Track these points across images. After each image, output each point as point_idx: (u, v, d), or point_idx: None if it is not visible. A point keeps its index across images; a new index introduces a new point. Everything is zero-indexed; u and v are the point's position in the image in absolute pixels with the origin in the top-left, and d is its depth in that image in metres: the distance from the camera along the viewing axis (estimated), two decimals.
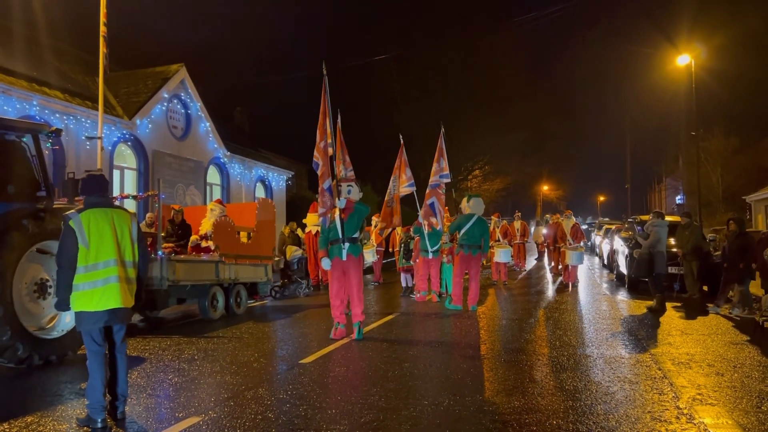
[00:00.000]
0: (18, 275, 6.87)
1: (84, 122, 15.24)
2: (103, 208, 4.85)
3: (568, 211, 17.12)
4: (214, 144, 21.25)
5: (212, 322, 10.42)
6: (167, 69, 19.42)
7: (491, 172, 46.13)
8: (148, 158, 17.85)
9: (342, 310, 8.62)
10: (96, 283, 4.67)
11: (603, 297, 13.54)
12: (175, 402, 5.39)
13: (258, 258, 12.27)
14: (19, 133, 7.48)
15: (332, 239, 8.56)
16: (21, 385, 6.24)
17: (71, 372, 6.64)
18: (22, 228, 6.81)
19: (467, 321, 10.01)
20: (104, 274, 4.70)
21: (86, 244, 4.66)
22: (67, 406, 5.38)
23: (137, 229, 5.03)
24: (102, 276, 4.69)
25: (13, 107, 13.39)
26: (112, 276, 4.73)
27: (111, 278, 4.72)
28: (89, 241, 4.67)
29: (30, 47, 16.75)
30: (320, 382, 6.04)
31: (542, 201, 71.68)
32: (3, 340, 6.52)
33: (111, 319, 4.75)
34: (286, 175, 27.36)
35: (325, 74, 8.96)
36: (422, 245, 12.60)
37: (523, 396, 5.45)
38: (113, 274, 4.73)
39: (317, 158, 9.06)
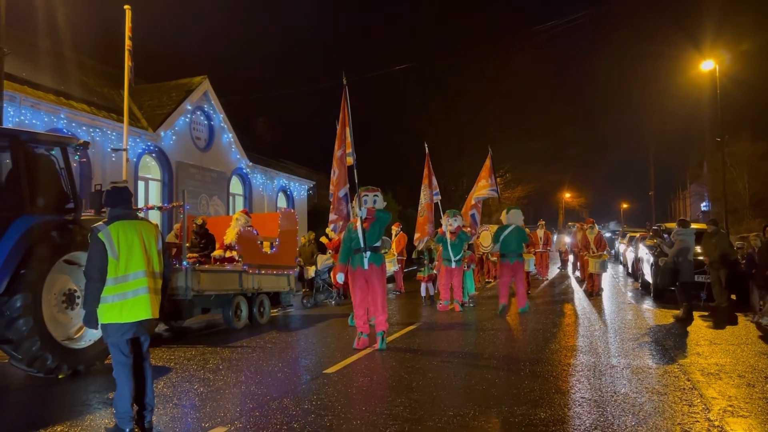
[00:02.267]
0: (47, 286, 6.98)
1: (110, 134, 15.50)
2: (129, 220, 4.91)
3: (590, 221, 16.93)
4: (236, 155, 21.47)
5: (236, 331, 10.48)
6: (190, 81, 19.69)
7: (512, 180, 45.89)
8: (173, 169, 18.09)
9: (365, 319, 8.62)
10: (126, 294, 4.71)
11: (628, 306, 13.37)
12: (201, 412, 5.43)
13: (281, 268, 12.33)
14: (48, 146, 7.63)
15: (354, 248, 8.58)
16: (50, 395, 6.33)
17: (99, 382, 6.73)
18: (51, 240, 6.93)
19: (491, 331, 9.95)
20: (134, 285, 4.74)
21: (116, 256, 4.70)
22: (96, 415, 5.45)
23: (162, 241, 5.10)
24: (132, 287, 4.73)
25: (42, 121, 13.68)
26: (141, 287, 4.77)
27: (140, 290, 4.76)
28: (119, 253, 4.71)
29: (57, 62, 17.10)
30: (344, 393, 6.04)
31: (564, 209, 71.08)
32: (33, 350, 6.64)
33: (138, 330, 4.80)
34: (307, 184, 27.52)
35: (345, 84, 9.02)
36: (444, 254, 12.57)
37: (549, 407, 5.39)
38: (143, 286, 4.78)
39: (333, 167, 9.15)
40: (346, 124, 9.17)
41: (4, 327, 6.56)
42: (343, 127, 9.17)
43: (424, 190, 12.63)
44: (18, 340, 6.58)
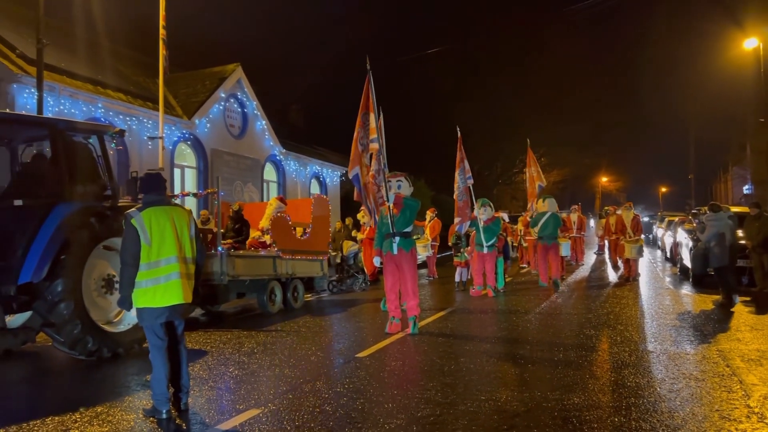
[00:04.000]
0: (86, 271, 7.18)
1: (146, 123, 15.77)
2: (162, 206, 4.99)
3: (629, 203, 16.61)
4: (270, 142, 21.63)
5: (271, 315, 10.62)
6: (224, 69, 19.87)
7: (548, 164, 45.25)
8: (207, 156, 18.34)
9: (397, 304, 8.63)
10: (158, 279, 4.80)
11: (666, 291, 13.10)
12: (235, 394, 5.52)
13: (314, 253, 12.42)
14: (86, 134, 7.81)
15: (385, 233, 8.60)
16: (91, 377, 6.52)
17: (138, 364, 6.89)
18: (90, 226, 7.11)
19: (524, 316, 9.87)
20: (166, 270, 4.82)
21: (148, 242, 4.78)
22: (134, 397, 5.59)
23: (195, 226, 5.16)
24: (164, 273, 4.82)
25: (80, 110, 13.98)
26: (173, 273, 4.84)
27: (173, 275, 4.84)
28: (151, 239, 4.79)
29: (93, 51, 17.41)
30: (376, 376, 6.07)
31: (601, 193, 69.86)
32: (74, 334, 6.84)
33: (172, 314, 4.89)
34: (340, 171, 27.57)
35: (369, 69, 8.97)
36: (477, 239, 12.50)
37: (583, 392, 5.33)
38: (175, 271, 4.85)
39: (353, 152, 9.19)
40: (370, 109, 9.14)
41: (47, 311, 6.77)
42: (366, 112, 9.13)
43: (461, 174, 12.56)
44: (60, 324, 6.78)
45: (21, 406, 5.55)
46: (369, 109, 9.15)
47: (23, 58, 13.37)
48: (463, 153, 12.77)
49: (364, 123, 9.08)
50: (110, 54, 18.39)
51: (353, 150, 9.04)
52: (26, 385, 6.51)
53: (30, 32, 14.81)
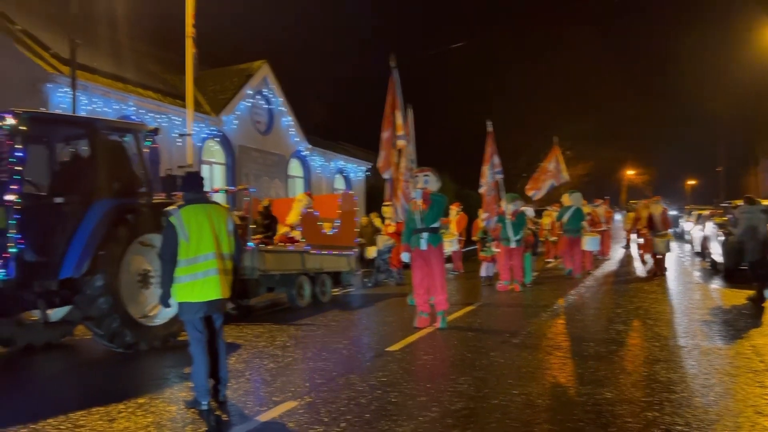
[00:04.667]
0: (124, 266, 7.37)
1: (175, 120, 16.02)
2: (201, 203, 5.12)
3: (657, 197, 16.45)
4: (295, 138, 21.81)
5: (300, 310, 10.77)
6: (250, 66, 20.07)
7: (573, 157, 44.81)
8: (235, 153, 18.59)
9: (425, 299, 8.71)
10: (196, 275, 4.93)
11: (695, 286, 12.98)
12: (271, 386, 5.66)
13: (341, 248, 12.55)
14: (122, 133, 8.02)
15: (413, 229, 8.67)
16: (131, 370, 6.72)
17: (175, 357, 7.08)
18: (127, 222, 7.30)
19: (553, 311, 9.88)
20: (204, 266, 4.95)
21: (187, 239, 4.91)
22: (174, 389, 5.76)
23: (232, 223, 5.28)
24: (202, 269, 4.94)
25: (112, 108, 14.26)
26: (211, 269, 4.97)
27: (210, 271, 4.97)
28: (189, 236, 4.91)
29: (124, 50, 17.72)
30: (408, 370, 6.16)
31: (627, 186, 69.02)
32: (113, 327, 7.04)
33: (210, 309, 5.02)
34: (364, 166, 27.68)
35: (394, 67, 9.02)
36: (503, 234, 12.50)
37: (615, 387, 5.36)
38: (212, 267, 4.97)
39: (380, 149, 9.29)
40: (395, 107, 9.21)
41: (87, 305, 6.99)
42: (392, 110, 9.21)
43: (490, 169, 12.56)
44: (99, 317, 6.99)
45: (66, 397, 5.75)
46: (395, 107, 9.23)
47: (57, 58, 13.68)
48: (493, 147, 12.77)
49: (392, 121, 9.17)
50: (140, 52, 18.72)
51: (386, 150, 9.10)
52: (69, 376, 6.74)
53: (63, 32, 15.14)
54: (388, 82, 9.40)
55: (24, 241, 6.61)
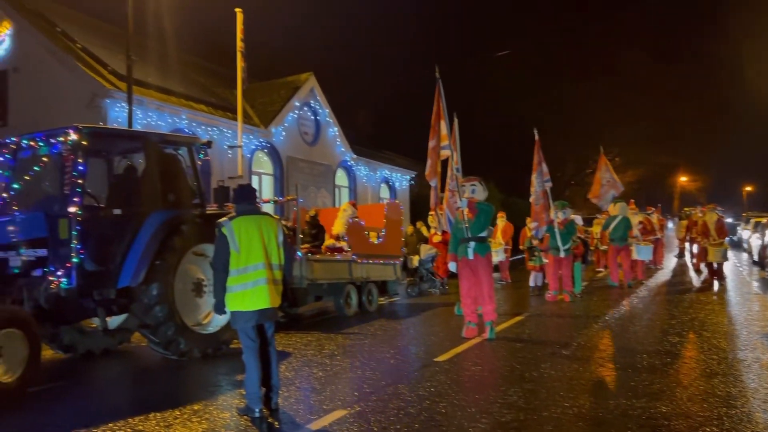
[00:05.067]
0: (178, 276, 7.58)
1: (225, 132, 16.43)
2: (251, 215, 5.24)
3: (712, 205, 15.95)
4: (341, 148, 22.06)
5: (347, 318, 10.85)
6: (297, 78, 20.44)
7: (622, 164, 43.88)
8: (283, 164, 18.94)
9: (473, 308, 8.67)
10: (246, 285, 5.03)
11: (754, 296, 12.52)
12: (321, 395, 5.73)
13: (387, 257, 12.60)
14: (176, 146, 8.27)
15: (460, 238, 8.65)
16: (185, 376, 6.91)
17: (227, 365, 7.24)
18: (182, 233, 7.51)
19: (604, 321, 9.69)
20: (254, 276, 5.05)
21: (237, 249, 5.02)
22: (227, 396, 5.89)
23: (282, 234, 5.37)
24: (252, 278, 5.04)
25: (165, 121, 14.73)
26: (261, 278, 5.07)
27: (260, 280, 5.07)
28: (240, 246, 5.03)
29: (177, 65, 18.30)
30: (457, 381, 6.14)
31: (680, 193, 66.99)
32: (168, 335, 7.25)
33: (261, 317, 5.12)
34: (409, 175, 27.73)
35: (438, 77, 9.06)
36: (552, 243, 12.34)
37: (670, 401, 5.22)
38: (262, 277, 5.07)
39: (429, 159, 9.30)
40: (440, 116, 9.24)
41: (143, 313, 7.21)
42: (438, 120, 9.25)
43: (538, 177, 12.41)
44: (155, 325, 7.21)
45: (124, 402, 5.96)
46: (440, 116, 9.27)
47: (114, 74, 14.24)
48: (541, 155, 12.62)
49: (437, 131, 9.22)
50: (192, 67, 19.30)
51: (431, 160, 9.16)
52: (127, 382, 6.98)
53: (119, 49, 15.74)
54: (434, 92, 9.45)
55: (84, 251, 6.88)
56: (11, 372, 5.78)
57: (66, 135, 6.96)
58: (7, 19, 15.37)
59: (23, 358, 5.86)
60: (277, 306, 5.24)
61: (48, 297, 6.69)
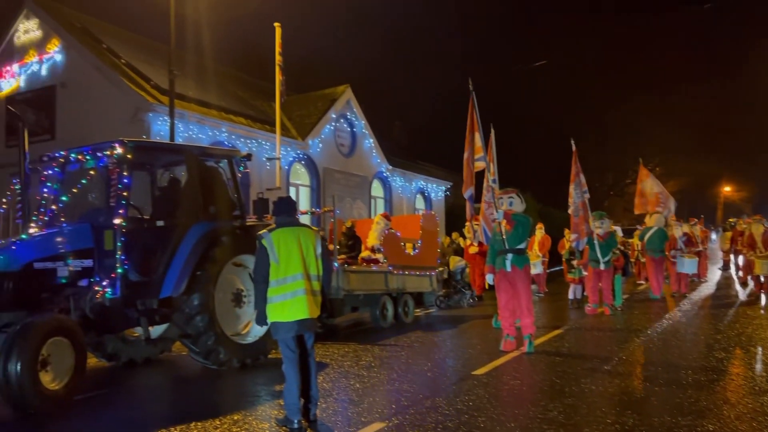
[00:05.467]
0: (219, 286, 7.70)
1: (264, 145, 16.68)
2: (291, 227, 5.30)
3: (758, 216, 15.48)
4: (377, 159, 22.16)
5: (383, 330, 10.85)
6: (334, 91, 20.65)
7: (663, 174, 42.96)
8: (320, 175, 19.13)
9: (511, 321, 8.57)
10: (286, 295, 5.10)
11: None
12: (359, 407, 5.73)
13: (423, 268, 12.58)
14: (217, 159, 8.44)
15: (498, 250, 8.58)
16: (224, 386, 7.00)
17: (266, 375, 7.31)
18: (222, 244, 7.64)
19: (646, 336, 9.47)
20: (292, 287, 5.11)
21: (276, 260, 5.10)
22: (266, 406, 5.95)
23: (321, 246, 5.40)
24: (291, 289, 5.10)
25: (206, 134, 15.04)
26: (299, 289, 5.12)
27: (299, 291, 5.11)
28: (279, 258, 5.10)
29: (217, 78, 18.70)
30: (495, 395, 6.08)
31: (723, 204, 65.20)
32: (208, 345, 7.36)
33: (301, 328, 5.16)
34: (444, 185, 27.68)
35: (471, 90, 9.05)
36: (592, 255, 12.13)
37: (717, 419, 5.07)
38: (300, 287, 5.12)
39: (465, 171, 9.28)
40: (475, 129, 9.23)
41: (184, 323, 7.33)
42: (472, 132, 9.24)
43: (576, 188, 12.22)
44: (196, 335, 7.32)
45: (166, 411, 6.07)
46: (474, 128, 9.24)
47: (157, 88, 14.61)
48: (578, 166, 12.43)
49: (471, 143, 9.19)
50: (231, 80, 19.68)
51: (465, 170, 9.15)
52: (167, 391, 7.10)
53: (161, 63, 16.15)
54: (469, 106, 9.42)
55: (129, 262, 7.06)
56: (59, 379, 5.95)
57: (112, 149, 7.16)
58: (56, 37, 15.95)
59: (70, 366, 6.03)
60: (315, 317, 5.28)
61: (93, 306, 6.86)
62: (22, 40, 16.59)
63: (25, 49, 16.48)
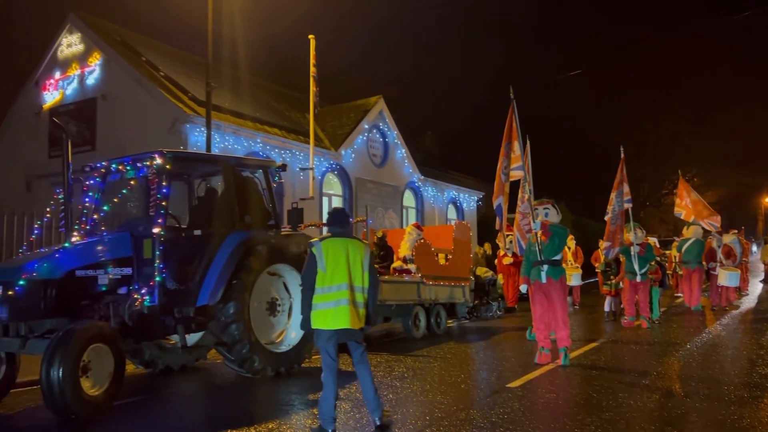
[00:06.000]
0: (254, 295, 7.78)
1: (297, 155, 16.85)
2: (341, 237, 5.36)
3: None
4: (409, 169, 22.20)
5: (415, 340, 10.82)
6: (367, 102, 20.79)
7: (701, 184, 42.06)
8: (352, 185, 19.23)
9: (546, 334, 8.46)
10: (329, 304, 5.15)
11: None
12: (393, 418, 5.70)
13: (456, 279, 12.52)
14: (253, 169, 8.56)
15: (533, 261, 8.50)
16: (259, 394, 7.05)
17: (299, 384, 7.35)
18: (258, 253, 7.73)
19: (684, 350, 9.25)
20: (336, 296, 5.16)
21: (324, 269, 5.19)
22: (300, 415, 5.98)
23: (369, 259, 5.43)
24: (334, 298, 5.16)
25: (241, 145, 15.27)
26: (343, 299, 5.15)
27: (342, 301, 5.15)
28: (326, 266, 5.19)
29: (251, 90, 19.01)
30: (531, 408, 6.00)
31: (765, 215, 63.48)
32: (243, 353, 7.43)
33: (341, 337, 5.17)
34: (476, 195, 27.56)
35: (512, 99, 8.97)
36: (628, 267, 11.92)
37: None
38: (344, 297, 5.16)
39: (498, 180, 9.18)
40: (513, 137, 9.12)
41: (220, 331, 7.42)
42: (509, 141, 9.12)
43: (618, 196, 11.95)
44: (231, 343, 7.40)
45: (202, 418, 6.15)
46: (513, 138, 9.15)
47: (194, 100, 14.91)
48: (623, 174, 12.14)
49: (507, 152, 9.07)
50: (266, 91, 19.96)
51: (497, 180, 9.05)
52: (203, 398, 7.19)
53: (198, 75, 16.49)
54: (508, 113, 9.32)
55: (166, 270, 7.18)
56: (98, 385, 6.06)
57: (152, 159, 7.32)
58: (97, 50, 16.41)
59: (109, 373, 6.14)
60: (357, 328, 5.25)
61: (132, 314, 6.98)
62: (65, 54, 17.12)
63: (67, 63, 17.00)
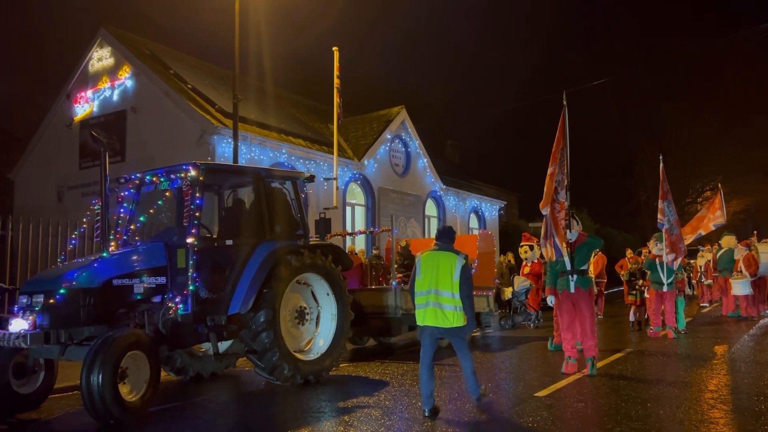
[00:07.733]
0: (283, 303, 7.93)
1: (321, 165, 17.06)
2: (440, 251, 6.39)
3: None
4: (431, 178, 22.30)
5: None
6: (389, 112, 20.96)
7: (727, 193, 41.39)
8: (375, 195, 19.38)
9: (573, 344, 8.49)
10: (420, 305, 6.33)
11: None
12: (422, 426, 5.78)
13: (480, 288, 12.54)
14: (282, 180, 8.73)
15: (560, 271, 8.53)
16: (289, 402, 7.17)
17: (328, 391, 7.46)
18: (287, 263, 7.88)
19: (713, 360, 9.20)
20: (425, 299, 6.28)
21: (419, 276, 6.35)
22: (331, 422, 6.08)
23: (461, 269, 6.24)
24: (423, 300, 6.29)
25: (267, 156, 15.50)
26: (430, 301, 6.23)
27: (430, 302, 6.24)
28: (421, 274, 6.33)
29: (276, 102, 19.29)
30: (560, 417, 6.04)
31: None
32: (273, 361, 7.56)
33: (432, 333, 6.27)
34: (498, 204, 27.56)
35: (564, 105, 9.01)
36: (654, 277, 11.87)
37: None
38: (431, 300, 6.23)
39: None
40: (562, 144, 9.07)
41: (251, 339, 7.57)
42: (558, 147, 9.06)
43: (669, 206, 11.76)
44: (262, 351, 7.54)
45: (234, 425, 6.28)
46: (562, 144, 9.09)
47: (221, 112, 15.19)
48: (667, 184, 11.97)
49: (560, 158, 8.97)
50: (290, 103, 20.23)
51: (547, 186, 8.92)
52: (235, 405, 7.31)
53: (225, 87, 16.81)
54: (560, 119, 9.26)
55: (199, 279, 7.36)
56: (135, 391, 6.24)
57: (185, 171, 7.52)
58: (127, 64, 16.80)
59: (146, 379, 6.31)
60: (446, 327, 6.19)
61: (165, 322, 7.15)
62: (96, 68, 17.55)
63: (98, 76, 17.42)
